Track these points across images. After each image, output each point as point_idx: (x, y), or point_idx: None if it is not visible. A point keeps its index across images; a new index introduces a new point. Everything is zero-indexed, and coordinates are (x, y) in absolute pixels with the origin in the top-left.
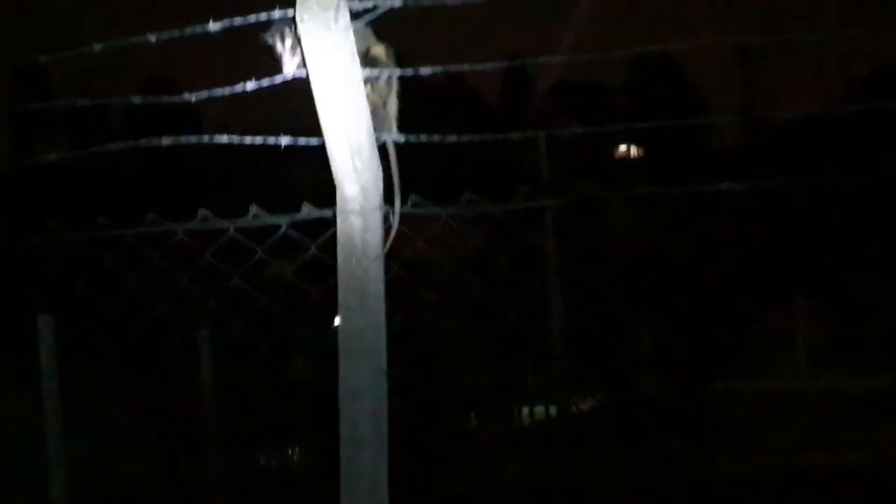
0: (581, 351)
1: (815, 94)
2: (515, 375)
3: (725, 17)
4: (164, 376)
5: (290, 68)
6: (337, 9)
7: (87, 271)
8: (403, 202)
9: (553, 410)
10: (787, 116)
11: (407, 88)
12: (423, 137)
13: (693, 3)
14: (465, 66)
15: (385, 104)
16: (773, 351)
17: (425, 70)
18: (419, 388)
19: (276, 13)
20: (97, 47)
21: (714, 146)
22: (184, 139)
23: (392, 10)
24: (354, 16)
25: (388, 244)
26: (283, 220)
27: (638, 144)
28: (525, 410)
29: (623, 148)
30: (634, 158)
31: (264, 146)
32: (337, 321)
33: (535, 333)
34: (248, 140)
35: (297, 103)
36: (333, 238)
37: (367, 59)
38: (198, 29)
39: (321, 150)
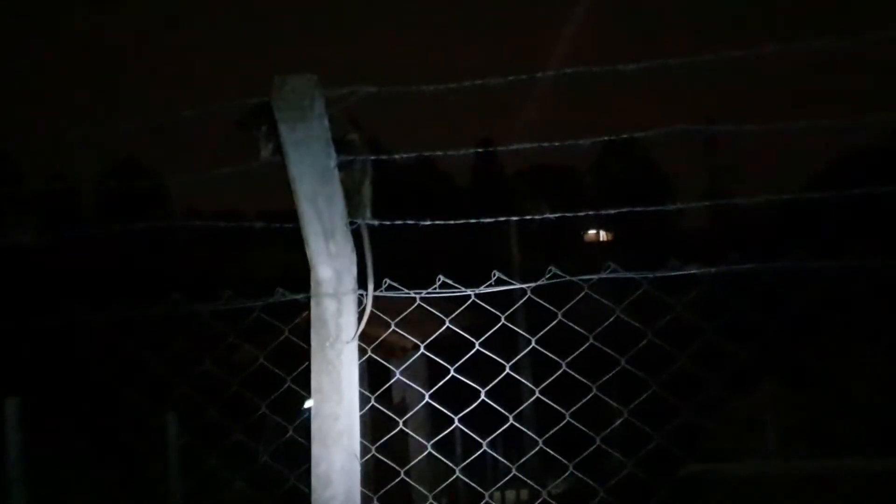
0: (553, 434)
1: (782, 176)
2: (486, 459)
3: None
4: (132, 461)
5: (265, 154)
6: (312, 97)
7: (57, 355)
8: (377, 285)
9: (525, 494)
10: (754, 201)
11: (381, 171)
12: (397, 221)
13: (661, 82)
14: (438, 153)
15: (359, 189)
16: (743, 433)
17: (399, 156)
18: (391, 471)
19: (253, 100)
20: (72, 135)
21: (682, 226)
22: (157, 224)
23: (367, 96)
24: (329, 103)
25: (362, 327)
26: (255, 304)
27: (606, 227)
28: (497, 495)
29: (592, 232)
30: (604, 241)
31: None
32: (308, 404)
33: (506, 417)
34: (221, 224)
35: (270, 185)
36: (306, 321)
37: (341, 145)
38: (172, 116)
39: (295, 232)
